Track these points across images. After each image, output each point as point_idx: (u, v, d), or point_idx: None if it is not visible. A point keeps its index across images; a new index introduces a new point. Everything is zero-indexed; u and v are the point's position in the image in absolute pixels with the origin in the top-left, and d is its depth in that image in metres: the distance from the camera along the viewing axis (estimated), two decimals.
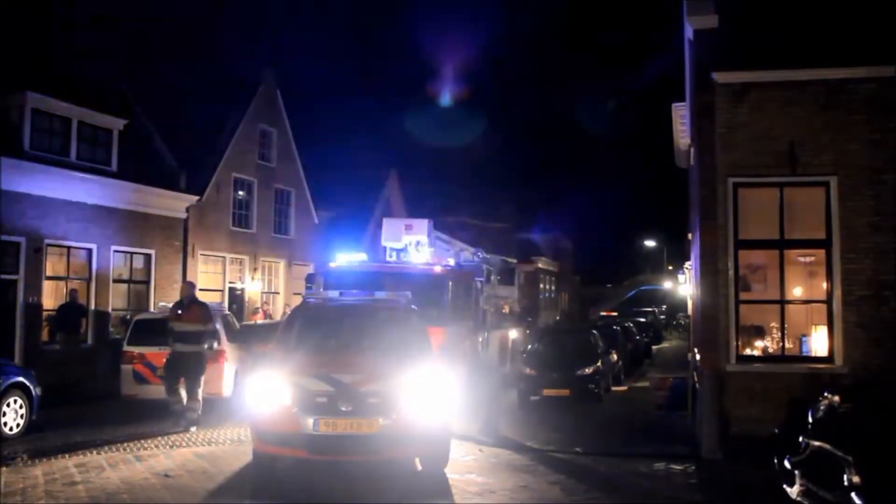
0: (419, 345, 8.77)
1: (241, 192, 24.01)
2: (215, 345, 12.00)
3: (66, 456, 9.27)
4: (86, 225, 17.87)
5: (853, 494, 5.37)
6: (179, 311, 11.55)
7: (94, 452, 9.51)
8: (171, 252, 20.71)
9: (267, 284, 25.40)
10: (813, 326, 9.85)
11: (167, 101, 22.38)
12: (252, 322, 20.39)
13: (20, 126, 16.89)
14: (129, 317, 17.30)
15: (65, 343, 16.40)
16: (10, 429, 10.53)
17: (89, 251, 18.15)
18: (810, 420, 6.61)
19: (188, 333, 11.32)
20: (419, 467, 8.34)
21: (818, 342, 9.64)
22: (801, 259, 10.11)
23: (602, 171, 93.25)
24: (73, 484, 7.90)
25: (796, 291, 10.00)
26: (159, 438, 10.60)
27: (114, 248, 18.79)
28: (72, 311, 16.64)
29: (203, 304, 12.14)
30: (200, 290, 21.75)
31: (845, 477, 5.47)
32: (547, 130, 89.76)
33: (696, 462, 9.05)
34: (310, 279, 15.09)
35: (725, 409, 9.27)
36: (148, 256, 19.99)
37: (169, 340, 11.48)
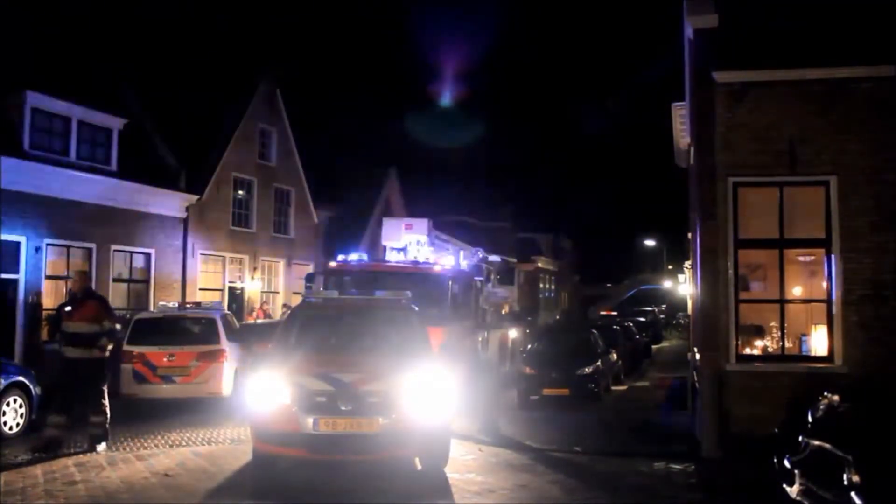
0: (419, 344, 8.77)
1: (240, 192, 24.02)
2: (109, 346, 9.80)
3: (66, 455, 9.27)
4: (86, 224, 17.88)
5: (853, 494, 5.37)
6: (69, 308, 9.73)
7: (94, 451, 9.50)
8: (171, 251, 20.71)
9: (266, 284, 25.40)
10: (813, 326, 9.85)
11: (167, 100, 22.37)
12: (251, 321, 20.39)
13: (20, 125, 16.89)
14: (128, 316, 17.26)
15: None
16: (10, 428, 10.53)
17: (89, 250, 18.15)
18: (810, 419, 6.62)
19: (83, 335, 9.43)
20: (419, 467, 8.34)
21: (818, 342, 9.64)
22: (801, 258, 10.11)
23: (602, 170, 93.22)
24: (73, 483, 7.90)
25: (796, 291, 10.01)
26: (159, 437, 10.61)
27: (113, 247, 18.80)
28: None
29: (101, 299, 10.24)
30: (200, 289, 21.84)
31: (845, 476, 5.47)
32: (547, 130, 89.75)
33: (695, 461, 9.05)
34: (309, 279, 15.11)
35: (725, 408, 9.27)
36: (148, 256, 20.00)
37: (59, 345, 9.76)
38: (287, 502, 7.48)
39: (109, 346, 9.78)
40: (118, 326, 9.99)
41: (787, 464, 6.44)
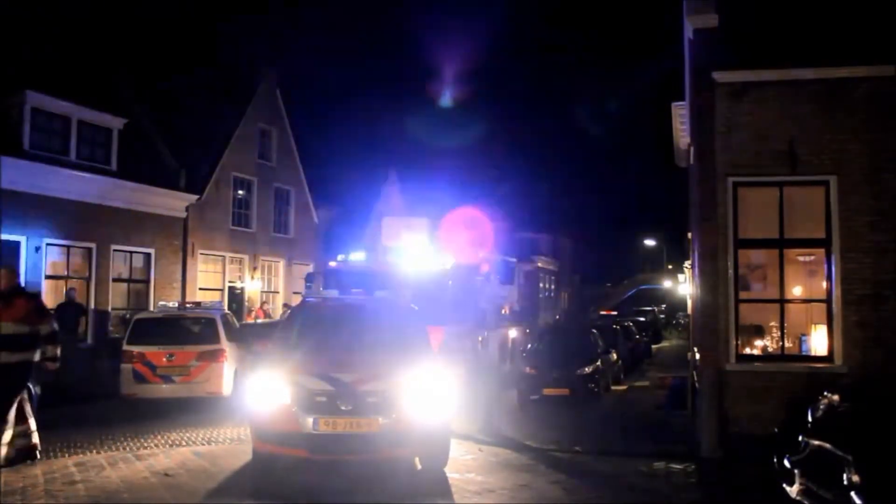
0: (419, 344, 8.77)
1: (240, 192, 24.02)
2: (58, 352, 8.76)
3: (66, 455, 9.28)
4: (85, 224, 17.89)
5: (853, 493, 5.37)
6: None
7: (94, 451, 9.51)
8: (171, 251, 20.72)
9: (266, 284, 25.40)
10: (812, 326, 9.85)
11: (167, 100, 22.38)
12: (250, 321, 20.39)
13: (20, 125, 16.91)
14: (128, 316, 17.31)
15: (63, 342, 16.36)
16: None
17: (89, 250, 18.16)
18: (810, 419, 6.62)
19: (11, 337, 8.23)
20: (419, 466, 8.35)
21: (818, 341, 9.64)
22: (801, 258, 10.11)
23: (602, 170, 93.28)
24: (73, 483, 7.90)
25: (796, 291, 10.01)
26: (159, 437, 10.61)
27: (113, 247, 18.82)
28: (69, 309, 16.61)
29: (33, 297, 9.12)
30: (200, 289, 21.84)
31: (845, 476, 5.48)
32: (547, 130, 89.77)
33: (695, 461, 9.05)
34: (309, 278, 15.12)
35: (725, 408, 9.27)
36: (147, 256, 20.01)
37: None
38: (287, 502, 7.48)
39: (58, 352, 8.72)
40: (56, 326, 8.80)
41: (787, 463, 6.44)
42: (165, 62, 24.04)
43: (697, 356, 10.28)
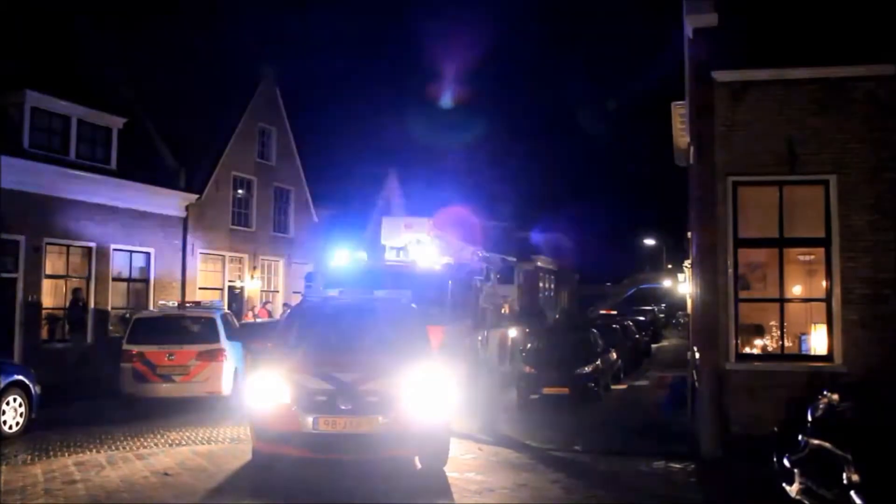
0: (419, 343, 8.77)
1: (240, 191, 24.01)
2: None
3: (66, 454, 9.29)
4: (85, 223, 17.88)
5: (852, 493, 5.37)
6: None
7: (94, 451, 9.52)
8: (171, 251, 20.71)
9: (266, 283, 25.40)
10: (812, 325, 9.85)
11: (167, 99, 22.36)
12: (249, 321, 20.39)
13: (20, 124, 16.89)
14: (128, 315, 17.31)
15: (74, 342, 16.53)
16: (10, 427, 10.53)
17: (89, 250, 18.16)
18: (809, 418, 6.62)
19: None
20: (418, 466, 8.35)
21: (817, 341, 9.64)
22: (801, 258, 10.12)
23: (602, 169, 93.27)
24: (73, 482, 7.91)
25: (796, 290, 10.01)
26: (159, 437, 10.61)
27: (113, 246, 18.80)
28: (76, 311, 16.67)
29: None
30: (200, 288, 21.85)
31: (844, 475, 5.48)
32: (546, 129, 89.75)
33: (695, 460, 9.05)
34: (309, 278, 15.10)
35: (725, 407, 9.27)
36: (147, 255, 20.00)
37: None
38: (287, 502, 7.48)
39: None
40: None
41: (786, 463, 6.44)
42: (165, 61, 23.97)
43: (697, 356, 10.28)
